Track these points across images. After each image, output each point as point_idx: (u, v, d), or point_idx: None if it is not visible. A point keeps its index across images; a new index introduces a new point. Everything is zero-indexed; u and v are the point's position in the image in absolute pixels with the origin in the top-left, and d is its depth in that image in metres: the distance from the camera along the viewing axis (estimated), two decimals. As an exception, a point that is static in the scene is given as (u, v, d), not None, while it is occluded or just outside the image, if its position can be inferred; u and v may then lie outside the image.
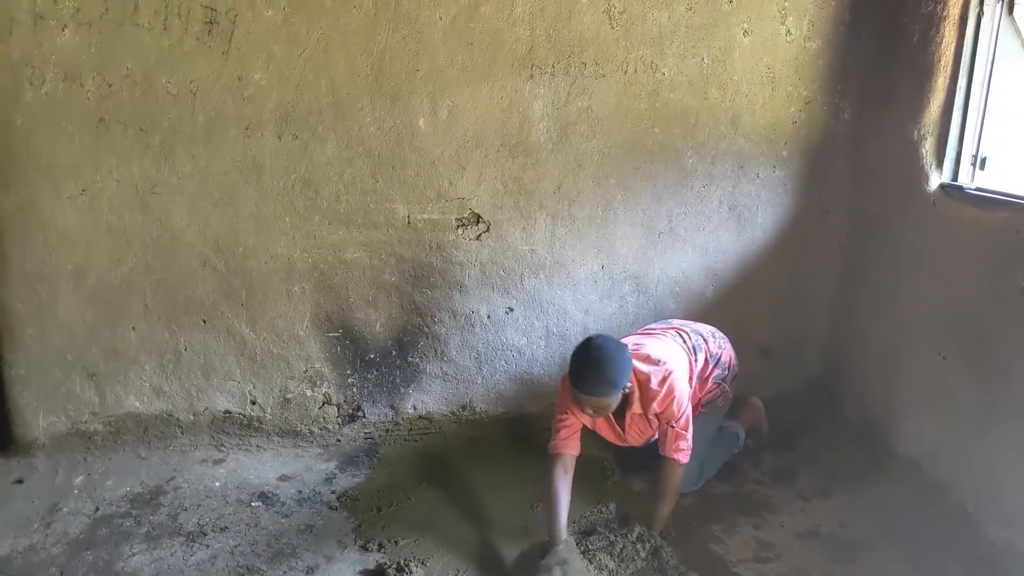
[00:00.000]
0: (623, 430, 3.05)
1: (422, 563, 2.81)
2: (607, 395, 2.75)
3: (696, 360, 3.18)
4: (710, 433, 3.31)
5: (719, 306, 3.74)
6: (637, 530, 2.93)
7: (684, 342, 3.22)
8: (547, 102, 3.43)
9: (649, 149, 3.56)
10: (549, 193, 3.54)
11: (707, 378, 3.26)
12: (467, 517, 3.14)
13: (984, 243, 2.97)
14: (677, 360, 3.04)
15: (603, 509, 3.17)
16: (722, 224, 3.70)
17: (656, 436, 3.08)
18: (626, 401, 2.91)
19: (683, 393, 2.94)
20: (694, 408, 3.14)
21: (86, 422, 3.47)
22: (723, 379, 3.33)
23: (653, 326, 3.37)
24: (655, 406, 2.91)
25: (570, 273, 3.67)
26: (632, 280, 3.72)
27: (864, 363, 3.70)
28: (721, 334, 3.38)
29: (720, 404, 3.34)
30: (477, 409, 3.77)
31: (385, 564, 2.81)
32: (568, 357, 3.67)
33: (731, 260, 3.75)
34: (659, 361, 2.94)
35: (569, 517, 2.91)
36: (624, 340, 3.01)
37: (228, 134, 3.27)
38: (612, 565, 2.77)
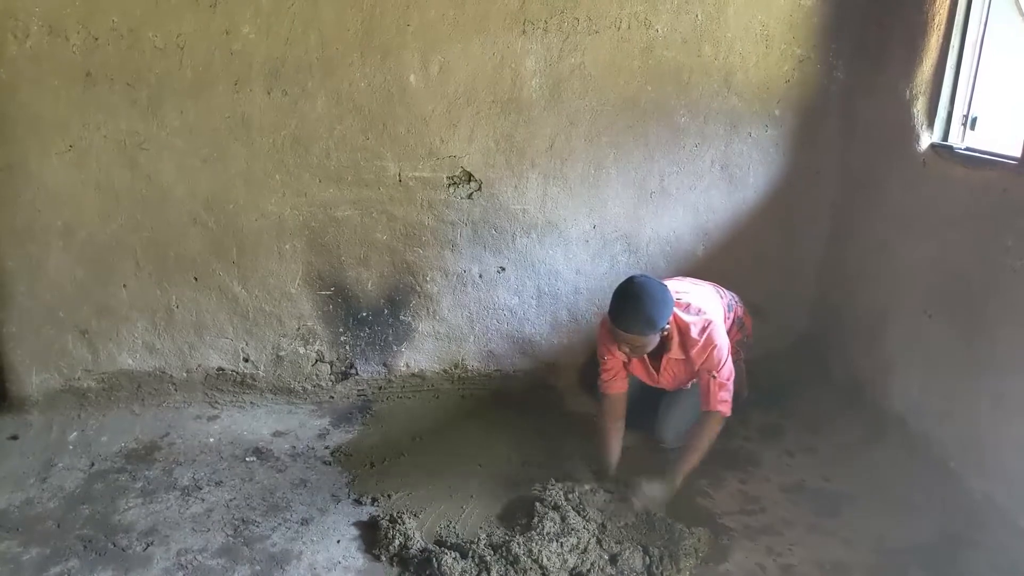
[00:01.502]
0: (657, 372, 3.09)
1: (415, 515, 2.86)
2: (644, 334, 2.78)
3: (728, 317, 3.23)
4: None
5: (710, 265, 3.76)
6: (627, 484, 2.98)
7: (720, 297, 3.27)
8: (539, 58, 3.40)
9: (642, 107, 3.54)
10: (541, 151, 3.53)
11: (730, 337, 3.21)
12: (459, 472, 3.19)
13: (972, 203, 2.99)
14: (716, 312, 3.07)
15: (592, 463, 3.21)
16: (714, 183, 3.71)
17: (688, 383, 3.15)
18: (664, 344, 2.94)
19: (724, 343, 2.95)
20: None
21: (79, 379, 3.49)
22: (742, 344, 3.39)
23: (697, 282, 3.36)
24: (694, 354, 2.92)
25: (562, 233, 3.67)
26: (623, 240, 3.73)
27: (852, 321, 3.74)
28: (742, 301, 3.44)
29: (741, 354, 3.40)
30: (469, 367, 3.80)
31: (378, 516, 2.86)
32: (558, 315, 3.73)
33: (722, 220, 3.76)
34: (699, 310, 2.97)
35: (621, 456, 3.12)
36: (666, 282, 3.02)
37: (216, 89, 3.24)
38: (600, 519, 2.82)
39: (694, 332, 2.91)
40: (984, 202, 2.93)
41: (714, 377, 2.92)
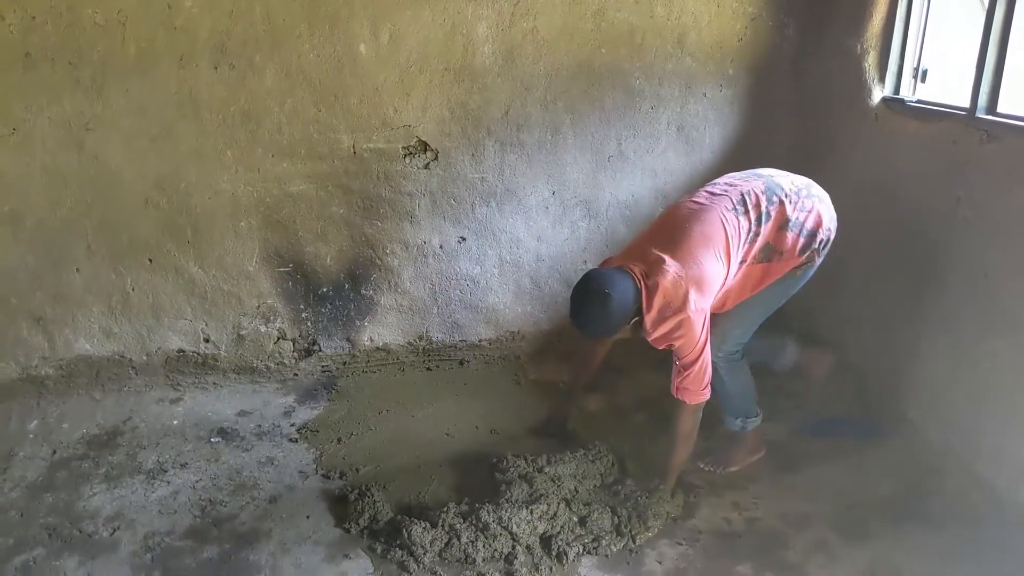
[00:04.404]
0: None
1: (383, 487, 2.87)
2: (604, 336, 2.76)
3: (757, 234, 2.66)
4: (778, 303, 2.87)
5: (669, 227, 3.77)
6: (597, 448, 3.02)
7: (738, 216, 2.64)
8: (491, 24, 3.36)
9: (596, 71, 3.52)
10: (497, 119, 3.50)
11: (786, 250, 2.70)
12: (426, 443, 3.20)
13: (923, 155, 3.03)
14: (691, 285, 2.53)
15: (561, 427, 3.24)
16: (671, 146, 3.71)
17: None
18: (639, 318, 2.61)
19: (692, 330, 2.55)
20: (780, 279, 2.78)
21: (36, 367, 3.43)
22: (810, 249, 2.75)
23: (712, 200, 2.69)
24: (653, 338, 2.60)
25: (521, 200, 3.66)
26: (583, 205, 3.73)
27: (811, 280, 3.77)
28: (805, 192, 2.76)
29: (801, 273, 2.81)
30: (433, 339, 3.80)
31: (347, 490, 2.86)
32: (521, 283, 3.72)
33: (680, 181, 3.77)
34: (671, 305, 2.53)
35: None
36: (654, 241, 2.63)
37: (161, 66, 3.16)
38: (573, 485, 2.85)
39: (651, 322, 2.55)
40: (935, 154, 2.97)
41: (675, 362, 2.66)
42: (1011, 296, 2.63)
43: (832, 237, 2.80)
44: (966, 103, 2.87)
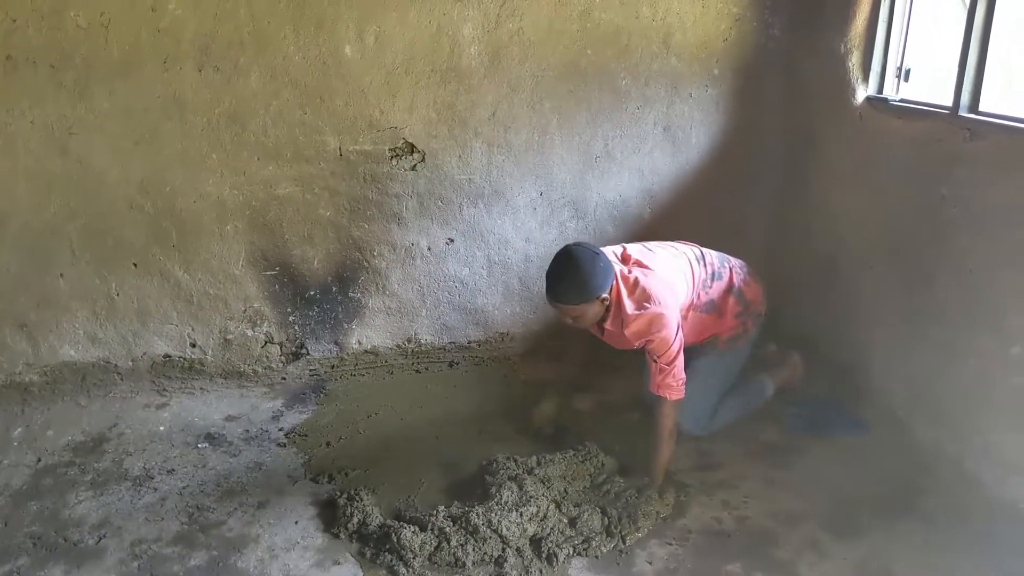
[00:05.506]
0: (601, 333, 2.96)
1: (372, 491, 2.85)
2: (573, 303, 2.70)
3: (708, 287, 3.02)
4: (730, 375, 3.18)
5: (656, 227, 3.77)
6: (586, 448, 3.01)
7: (698, 265, 3.04)
8: (477, 25, 3.35)
9: (583, 72, 3.52)
10: (484, 120, 3.50)
11: (726, 311, 3.06)
12: (416, 446, 3.19)
13: (908, 154, 3.05)
14: (668, 297, 2.80)
15: (547, 429, 3.25)
16: (657, 145, 3.71)
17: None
18: (607, 312, 2.80)
19: (668, 333, 2.74)
20: (712, 342, 3.09)
21: (20, 373, 3.39)
22: (744, 315, 3.11)
23: (677, 246, 3.11)
24: (630, 334, 2.77)
25: (509, 201, 3.65)
26: (571, 205, 3.72)
27: (800, 277, 3.80)
28: (748, 270, 3.19)
29: (741, 344, 3.15)
30: (422, 341, 3.78)
31: (336, 494, 2.84)
32: (509, 284, 3.73)
33: (667, 181, 3.77)
34: (648, 297, 2.76)
35: None
36: (635, 254, 2.92)
37: (145, 68, 3.13)
38: (563, 486, 2.84)
39: (629, 310, 2.75)
40: (919, 152, 2.98)
41: (655, 361, 2.79)
42: (997, 292, 2.64)
43: (763, 313, 3.21)
44: (949, 102, 2.88)
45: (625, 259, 2.92)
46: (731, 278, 3.09)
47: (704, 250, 3.14)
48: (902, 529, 2.66)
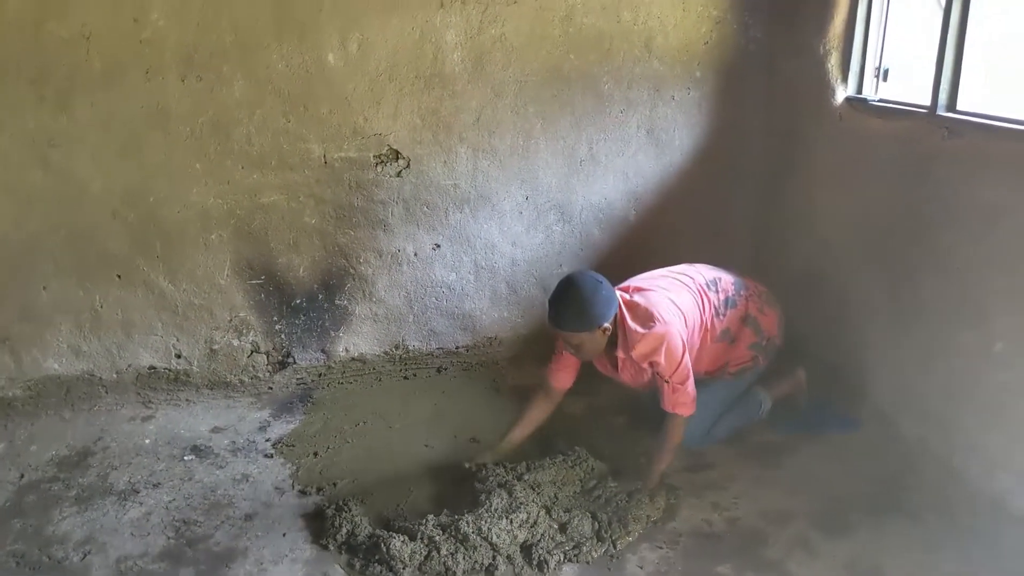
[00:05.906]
0: (616, 369, 2.97)
1: (361, 501, 2.83)
2: (576, 331, 2.72)
3: (722, 315, 3.02)
4: (731, 397, 3.18)
5: (642, 230, 3.79)
6: (576, 453, 3.00)
7: (711, 291, 3.03)
8: (460, 31, 3.36)
9: (566, 76, 3.53)
10: (468, 125, 3.50)
11: (740, 340, 3.08)
12: (405, 454, 3.17)
13: (888, 153, 3.07)
14: (673, 321, 2.83)
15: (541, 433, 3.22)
16: (641, 148, 3.73)
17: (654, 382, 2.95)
18: (613, 343, 2.84)
19: (675, 349, 2.77)
20: (720, 372, 3.11)
21: (3, 388, 3.35)
22: (758, 348, 3.11)
23: (688, 271, 3.11)
24: (636, 356, 2.80)
25: (495, 206, 3.65)
26: (557, 209, 3.73)
27: (785, 279, 3.80)
28: (766, 296, 3.18)
29: (748, 376, 3.17)
30: (410, 347, 3.77)
31: (324, 505, 2.82)
32: (497, 289, 3.72)
33: (651, 184, 3.79)
34: (652, 317, 2.78)
35: (527, 440, 3.08)
36: (636, 283, 2.97)
37: (127, 79, 3.11)
38: (553, 492, 2.83)
39: (636, 338, 2.78)
40: (899, 151, 3.00)
41: (667, 382, 2.81)
42: (980, 289, 2.66)
43: (779, 346, 3.21)
44: (927, 101, 2.91)
45: (626, 288, 2.96)
46: (746, 306, 3.08)
47: (721, 274, 3.13)
48: (891, 526, 2.67)
